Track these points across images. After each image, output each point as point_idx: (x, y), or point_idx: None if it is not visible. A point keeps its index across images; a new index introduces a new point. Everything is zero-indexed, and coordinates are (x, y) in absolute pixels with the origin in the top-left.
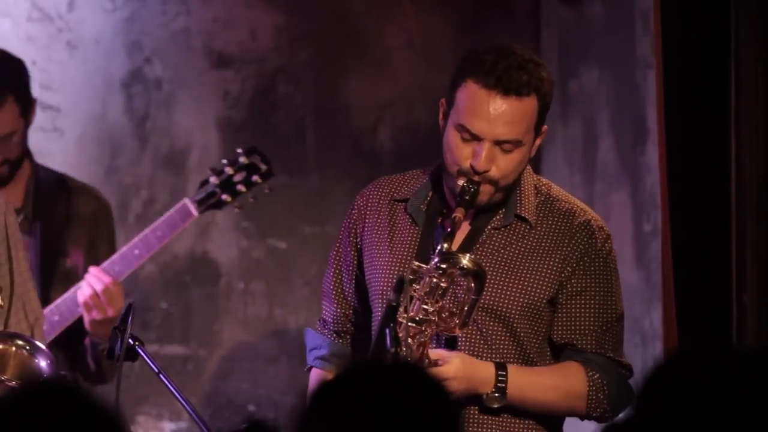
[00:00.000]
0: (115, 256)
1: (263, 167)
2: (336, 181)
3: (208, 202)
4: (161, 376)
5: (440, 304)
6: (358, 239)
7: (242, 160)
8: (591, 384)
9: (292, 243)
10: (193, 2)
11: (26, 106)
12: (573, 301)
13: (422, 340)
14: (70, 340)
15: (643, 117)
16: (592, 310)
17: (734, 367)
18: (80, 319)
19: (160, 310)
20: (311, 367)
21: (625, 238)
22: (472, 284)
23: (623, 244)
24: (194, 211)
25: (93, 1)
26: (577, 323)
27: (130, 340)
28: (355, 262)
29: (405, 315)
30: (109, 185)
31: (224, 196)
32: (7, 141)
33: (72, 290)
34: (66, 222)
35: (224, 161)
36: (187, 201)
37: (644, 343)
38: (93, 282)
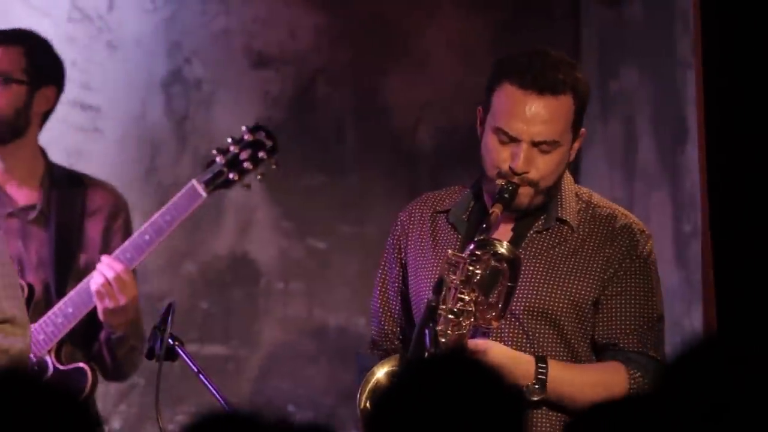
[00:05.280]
0: (126, 243)
1: (269, 143)
2: (375, 181)
3: (216, 182)
4: (201, 376)
5: (476, 293)
6: (403, 254)
7: (247, 137)
8: (632, 382)
9: (331, 243)
10: (233, 2)
11: (37, 81)
12: (614, 301)
13: (460, 332)
14: (86, 336)
15: (683, 117)
16: (633, 310)
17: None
18: (95, 315)
19: (201, 310)
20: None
21: (665, 238)
22: (508, 272)
23: (663, 244)
24: (203, 192)
25: (133, 2)
26: (618, 323)
27: (170, 340)
28: (400, 278)
29: (444, 307)
30: (148, 185)
31: (231, 175)
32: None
33: (85, 281)
34: (81, 217)
35: (229, 140)
36: (194, 182)
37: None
38: (105, 270)
